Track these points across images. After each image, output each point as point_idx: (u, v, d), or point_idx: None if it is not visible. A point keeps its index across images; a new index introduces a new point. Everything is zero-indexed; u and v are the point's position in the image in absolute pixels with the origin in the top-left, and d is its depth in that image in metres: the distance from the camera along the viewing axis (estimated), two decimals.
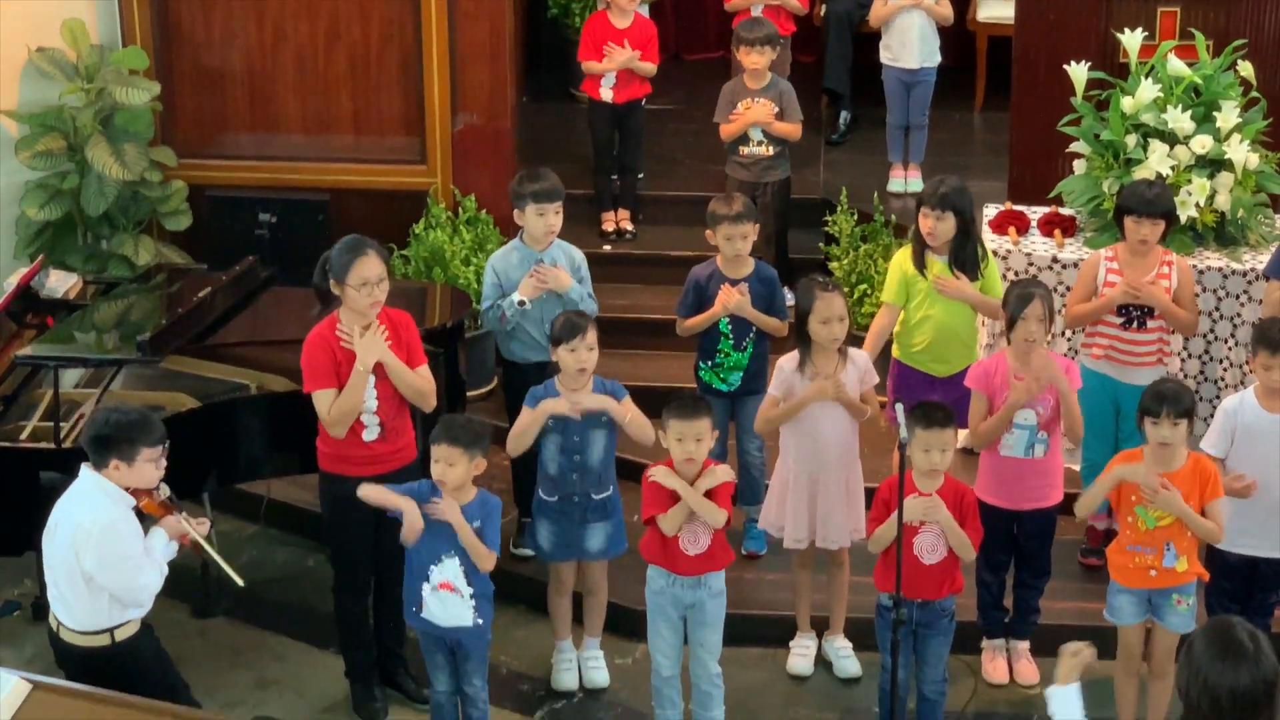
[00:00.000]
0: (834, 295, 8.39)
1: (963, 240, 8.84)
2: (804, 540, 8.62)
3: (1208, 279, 9.39)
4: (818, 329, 8.39)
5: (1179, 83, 9.52)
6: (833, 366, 8.45)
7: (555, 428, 8.42)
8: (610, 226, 11.26)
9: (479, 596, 7.91)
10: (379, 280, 8.06)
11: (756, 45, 10.36)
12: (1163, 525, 7.94)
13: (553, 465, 8.48)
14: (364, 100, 11.03)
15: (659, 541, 8.03)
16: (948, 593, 8.05)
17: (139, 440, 7.22)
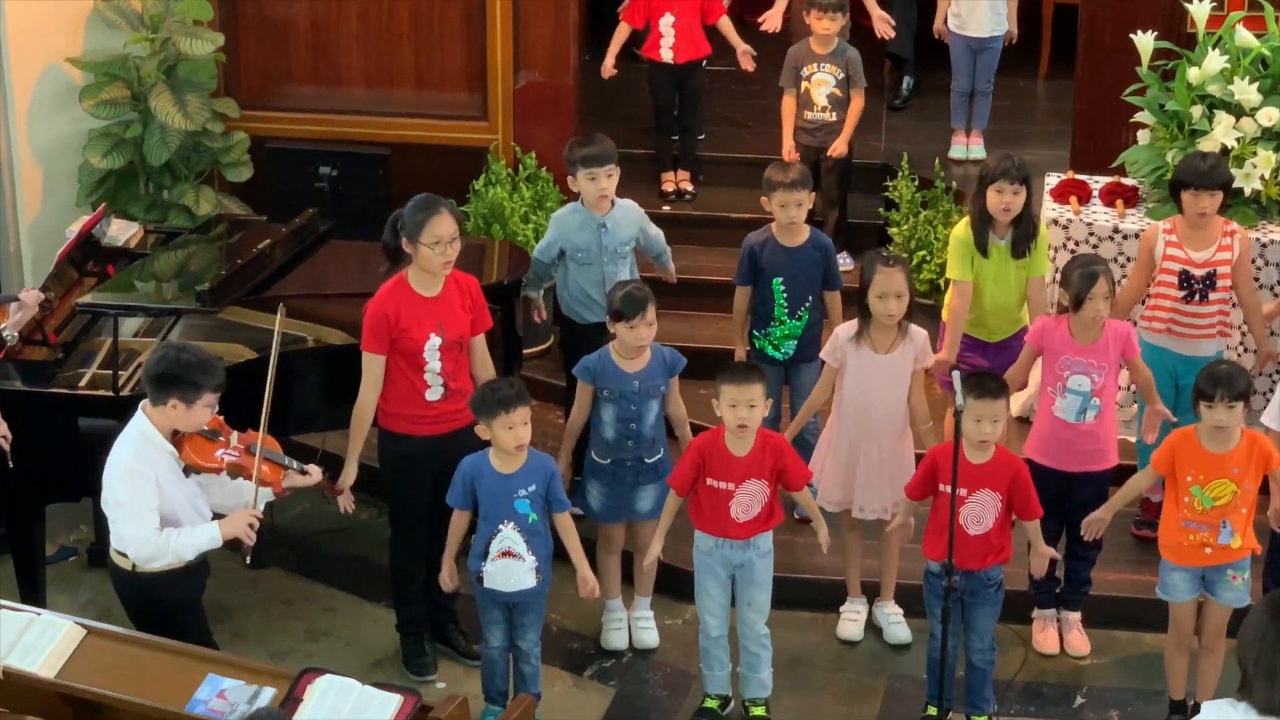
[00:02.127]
0: (895, 271, 8.36)
1: (1026, 214, 8.79)
2: (838, 504, 8.64)
3: (1270, 252, 9.33)
4: (875, 303, 8.37)
5: (1247, 54, 9.45)
6: (890, 341, 8.44)
7: (612, 398, 8.44)
8: (670, 187, 11.25)
9: (540, 558, 7.96)
10: (452, 239, 8.08)
11: (829, 11, 10.30)
12: (1219, 504, 7.91)
13: (610, 431, 8.50)
14: (426, 55, 11.04)
15: (709, 510, 8.04)
16: (993, 562, 8.03)
17: (203, 384, 7.25)
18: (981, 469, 7.94)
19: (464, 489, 7.97)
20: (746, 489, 8.00)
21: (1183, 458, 7.94)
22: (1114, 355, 8.34)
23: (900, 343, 8.46)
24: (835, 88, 10.42)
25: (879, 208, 10.91)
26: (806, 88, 10.43)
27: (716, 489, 8.02)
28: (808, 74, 10.41)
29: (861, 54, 10.56)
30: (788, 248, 9.03)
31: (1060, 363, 8.32)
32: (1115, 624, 8.83)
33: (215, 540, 7.35)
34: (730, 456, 8.01)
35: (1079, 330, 8.33)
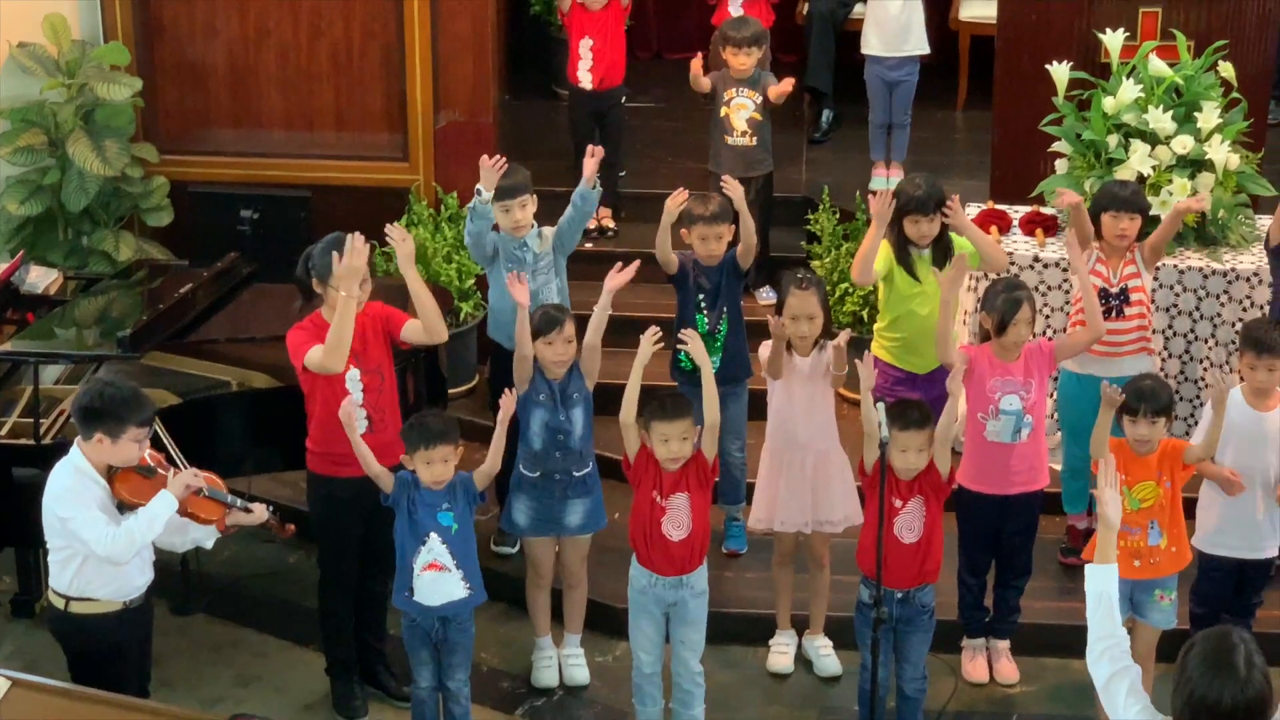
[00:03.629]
0: (808, 294, 8.42)
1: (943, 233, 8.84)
2: (765, 521, 8.67)
3: (1188, 279, 9.41)
4: (789, 324, 8.45)
5: (1160, 83, 9.53)
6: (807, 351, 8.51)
7: (544, 403, 8.44)
8: (592, 224, 11.23)
9: (468, 570, 7.97)
10: (363, 281, 8.06)
11: (745, 46, 10.35)
12: (1146, 506, 8.01)
13: (537, 441, 8.50)
14: (346, 96, 11.03)
15: (646, 534, 8.03)
16: (924, 581, 8.07)
17: (128, 418, 7.22)
18: (911, 481, 7.99)
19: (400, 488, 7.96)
20: (675, 503, 8.01)
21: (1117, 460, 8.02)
22: (1038, 370, 8.39)
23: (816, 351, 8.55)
24: (755, 112, 10.46)
25: (801, 241, 10.94)
26: (726, 113, 10.48)
27: (655, 503, 8.02)
28: (727, 99, 10.45)
29: None
30: (708, 266, 9.07)
31: (990, 385, 8.36)
32: (1044, 651, 8.86)
33: (171, 504, 7.29)
34: (662, 472, 8.03)
35: (1002, 352, 8.39)
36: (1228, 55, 9.68)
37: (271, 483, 9.55)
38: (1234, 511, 8.25)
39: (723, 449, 9.22)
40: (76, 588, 7.33)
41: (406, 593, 7.99)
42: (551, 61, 11.53)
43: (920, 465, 7.95)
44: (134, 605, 7.44)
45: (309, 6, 10.90)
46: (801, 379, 8.53)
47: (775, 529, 8.68)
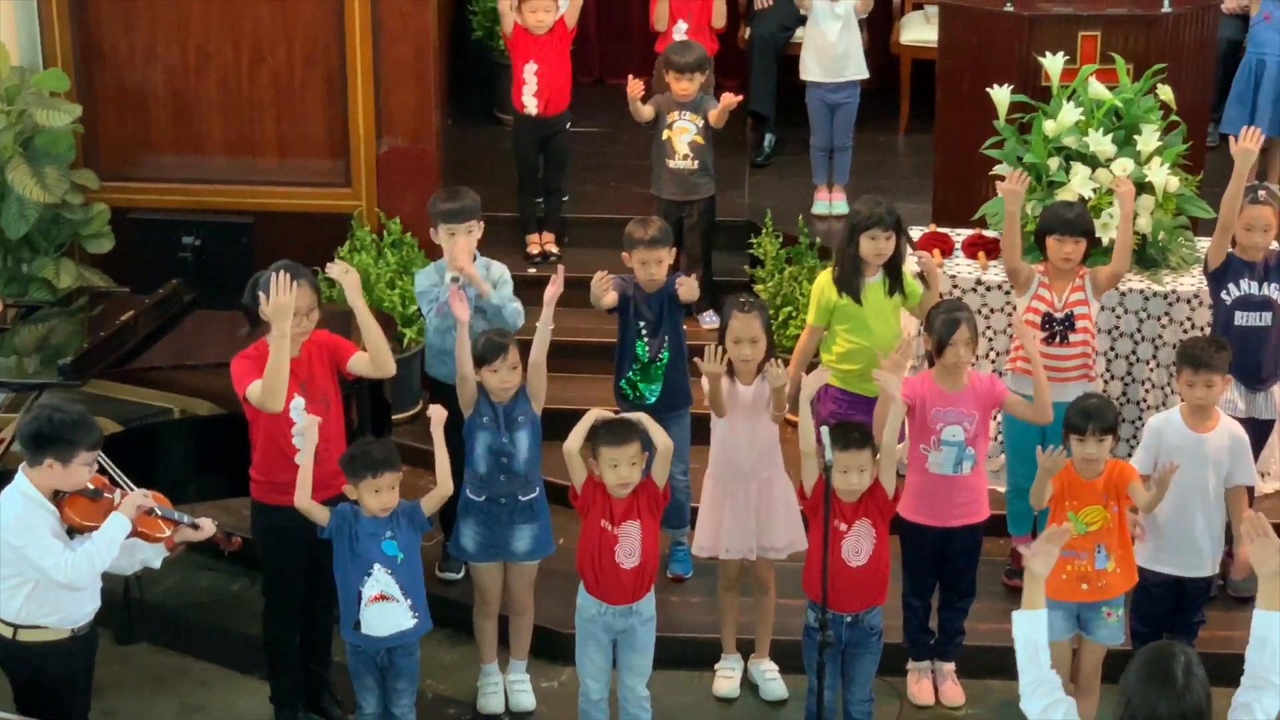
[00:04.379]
0: (750, 317, 8.43)
1: (895, 257, 8.87)
2: (709, 549, 8.66)
3: (1129, 301, 9.46)
4: (731, 348, 8.46)
5: (1100, 106, 9.58)
6: (750, 379, 8.50)
7: (489, 424, 8.42)
8: (535, 249, 11.26)
9: (415, 599, 7.95)
10: (309, 310, 8.06)
11: (688, 71, 10.37)
12: (1093, 529, 8.04)
13: (482, 464, 8.48)
14: (288, 123, 11.00)
15: (597, 564, 8.02)
16: (874, 603, 8.08)
17: (79, 442, 7.19)
18: (856, 502, 7.99)
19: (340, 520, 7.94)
20: (626, 531, 8.01)
21: (1060, 486, 8.05)
22: (982, 404, 8.41)
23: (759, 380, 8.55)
24: (697, 135, 10.47)
25: (744, 265, 10.96)
26: (668, 136, 10.49)
27: (605, 531, 8.01)
28: (669, 122, 10.47)
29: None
30: (648, 292, 9.07)
31: (932, 415, 8.38)
32: (989, 674, 8.86)
33: (124, 525, 7.26)
34: (612, 500, 8.02)
35: (944, 378, 8.40)
36: (1167, 79, 9.74)
37: (215, 510, 9.49)
38: (1173, 529, 8.29)
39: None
40: (25, 616, 7.28)
41: (354, 625, 7.96)
42: (494, 86, 11.53)
43: (862, 486, 7.96)
44: (81, 634, 7.40)
45: (250, 32, 10.87)
46: (745, 408, 8.53)
47: (720, 556, 8.68)
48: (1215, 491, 8.30)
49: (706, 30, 11.46)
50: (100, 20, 10.92)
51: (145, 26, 10.91)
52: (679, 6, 11.47)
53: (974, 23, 10.38)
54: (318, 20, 10.83)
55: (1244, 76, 11.33)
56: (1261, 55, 11.26)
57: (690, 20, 11.42)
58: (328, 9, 10.79)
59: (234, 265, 10.36)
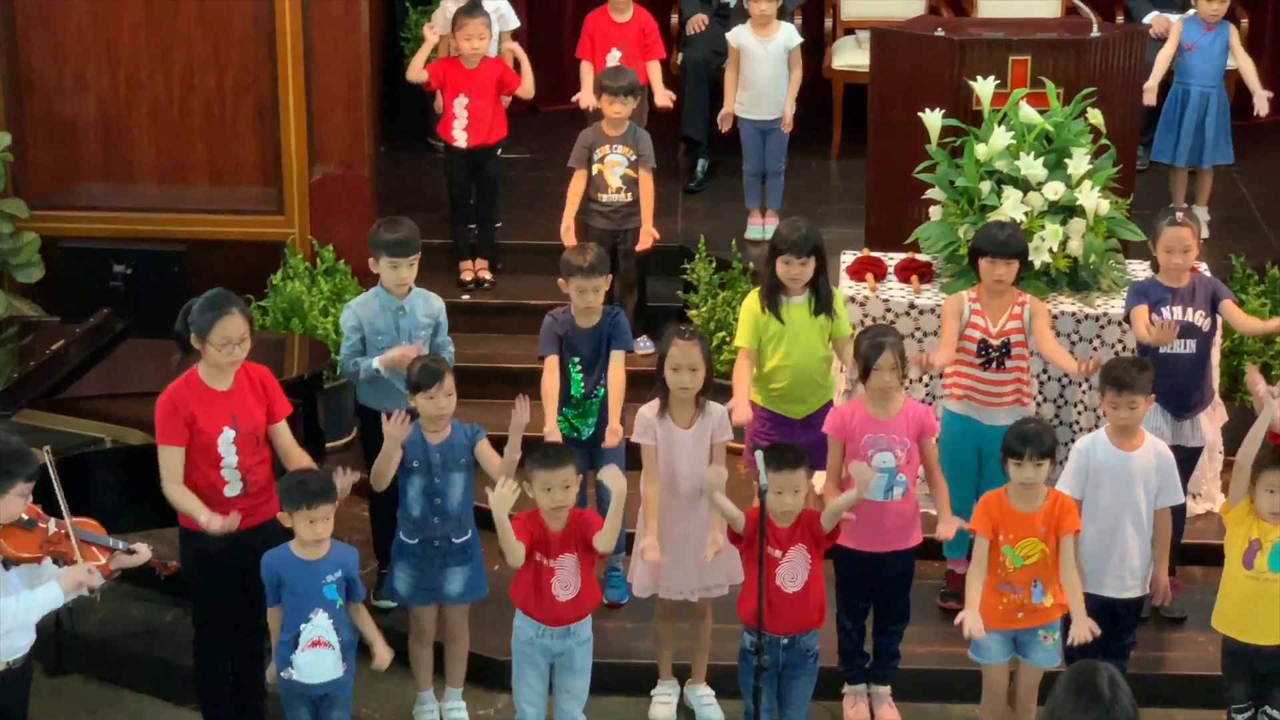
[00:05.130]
0: (690, 344, 8.41)
1: (819, 279, 8.89)
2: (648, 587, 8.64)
3: (1062, 324, 9.49)
4: (670, 375, 8.43)
5: (1031, 130, 9.63)
6: (690, 416, 8.47)
7: (419, 469, 8.40)
8: (468, 276, 11.25)
9: (346, 645, 7.90)
10: (241, 339, 8.03)
11: (620, 95, 10.38)
12: (1030, 563, 8.05)
13: (415, 507, 8.46)
14: (220, 150, 10.96)
15: (532, 588, 8.01)
16: (810, 625, 8.08)
17: (16, 472, 7.15)
18: (790, 529, 8.00)
19: (274, 586, 7.88)
20: (563, 564, 8.00)
21: (995, 518, 8.07)
22: (914, 433, 8.43)
23: (699, 418, 8.50)
24: (628, 168, 10.48)
25: (678, 290, 10.97)
26: (600, 169, 10.49)
27: (541, 565, 8.00)
28: (600, 156, 10.46)
29: (656, 137, 10.63)
30: (585, 328, 9.06)
31: (863, 442, 8.39)
32: (925, 696, 8.88)
33: (55, 600, 7.23)
34: (549, 532, 8.01)
35: (874, 404, 8.42)
36: (1096, 102, 9.79)
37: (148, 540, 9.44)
38: (1105, 551, 8.32)
39: (601, 498, 9.22)
40: None
41: (286, 671, 7.92)
42: (426, 113, 11.52)
43: (797, 507, 7.97)
44: (16, 666, 7.34)
45: (181, 60, 10.83)
46: (684, 449, 8.51)
47: (660, 595, 8.66)
48: (1145, 511, 8.33)
49: (639, 60, 11.48)
50: (29, 48, 10.86)
51: (75, 55, 10.86)
52: (613, 33, 11.48)
53: (905, 48, 10.42)
54: (249, 48, 10.80)
55: (1171, 105, 11.41)
56: (1186, 84, 11.35)
57: (624, 49, 11.44)
58: (259, 37, 10.76)
59: (166, 293, 10.31)
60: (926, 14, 12.51)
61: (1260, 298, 10.26)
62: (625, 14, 11.55)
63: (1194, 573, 9.36)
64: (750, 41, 11.29)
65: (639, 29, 11.56)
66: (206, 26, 10.78)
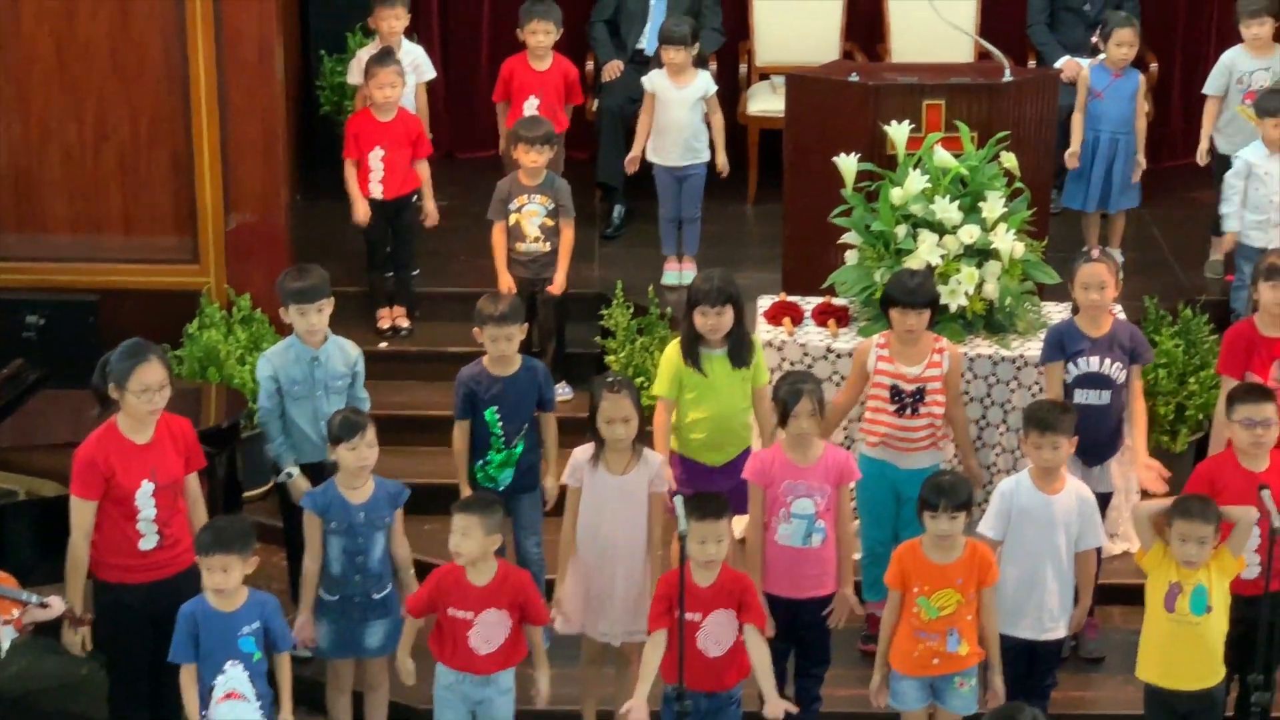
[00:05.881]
0: (620, 397, 8.40)
1: (737, 330, 8.90)
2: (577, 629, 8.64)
3: (978, 366, 9.54)
4: (603, 427, 8.42)
5: (946, 174, 9.68)
6: (625, 463, 8.47)
7: (339, 530, 8.36)
8: (386, 323, 11.22)
9: (264, 698, 7.86)
10: (160, 387, 7.99)
11: (536, 144, 10.38)
12: (945, 614, 8.08)
13: (336, 566, 8.42)
14: (134, 199, 10.90)
15: (450, 641, 7.98)
16: (734, 683, 8.09)
17: None
18: (712, 590, 7.98)
19: (188, 638, 7.82)
20: (485, 619, 7.97)
21: (909, 570, 8.09)
22: (834, 479, 8.45)
23: (635, 465, 8.50)
24: (546, 217, 10.48)
25: (595, 336, 10.96)
26: (517, 219, 10.48)
27: (456, 618, 7.98)
28: (517, 205, 10.46)
29: (572, 184, 10.64)
30: (501, 377, 9.04)
31: (783, 488, 8.40)
32: None
33: None
34: (469, 585, 7.98)
35: (793, 449, 8.44)
36: (1010, 146, 9.86)
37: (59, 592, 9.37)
38: (1026, 593, 8.36)
39: (520, 546, 9.22)
40: None
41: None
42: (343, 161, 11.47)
43: (719, 556, 7.97)
44: None
45: (94, 109, 10.77)
46: (616, 495, 8.51)
47: (587, 633, 8.64)
48: (1066, 553, 8.37)
49: (558, 109, 11.49)
50: None
51: None
52: (532, 81, 11.50)
53: (820, 93, 10.47)
54: (163, 96, 10.75)
55: (1082, 152, 11.50)
56: (1095, 130, 11.44)
57: (542, 97, 11.45)
58: (173, 85, 10.71)
59: (80, 344, 10.25)
60: (841, 59, 12.56)
61: (1174, 338, 10.34)
62: (544, 62, 11.55)
63: (1112, 612, 9.41)
64: (665, 87, 11.32)
65: (560, 77, 11.56)
66: (120, 75, 10.73)
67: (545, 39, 11.50)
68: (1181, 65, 13.15)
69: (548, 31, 11.50)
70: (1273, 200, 10.67)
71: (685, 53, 11.25)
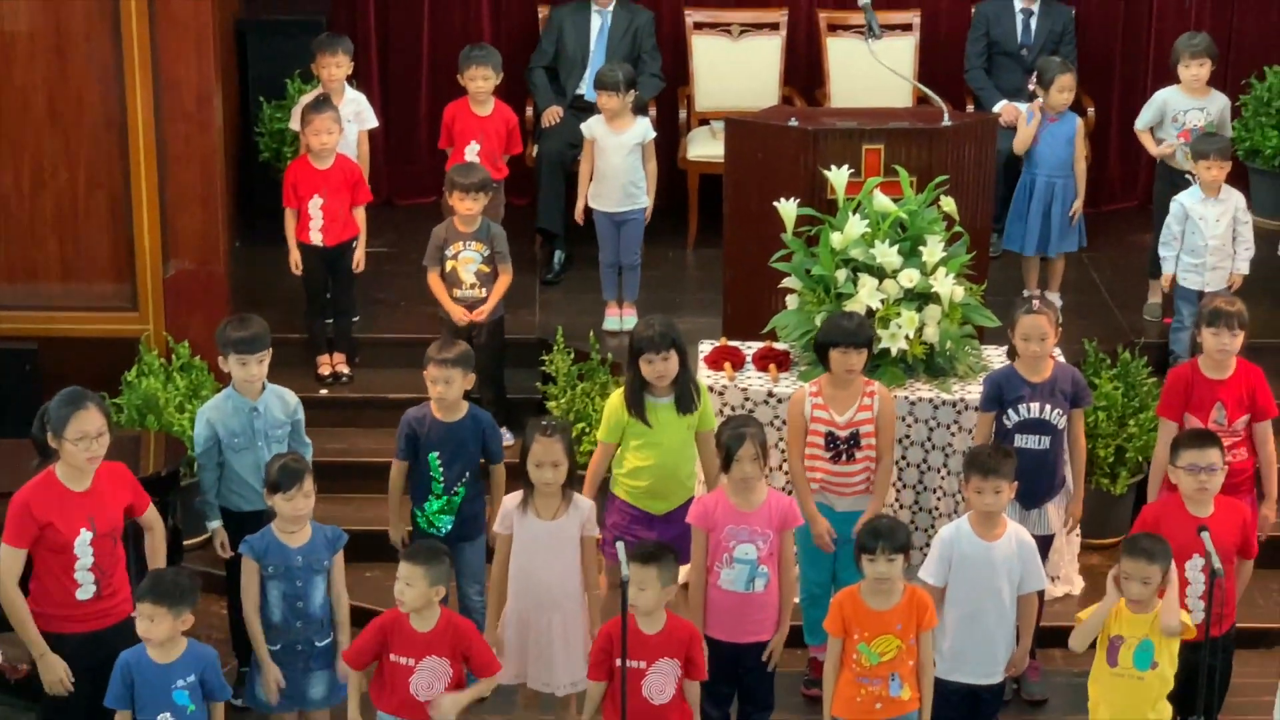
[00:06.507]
0: (552, 440, 8.40)
1: (683, 375, 8.90)
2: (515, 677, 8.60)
3: (919, 410, 9.56)
4: (533, 471, 8.41)
5: (885, 218, 9.71)
6: (554, 508, 8.45)
7: (277, 574, 8.32)
8: (326, 370, 11.18)
9: None
10: (98, 434, 7.95)
11: (471, 191, 10.38)
12: (886, 660, 8.08)
13: (276, 612, 8.36)
14: (72, 247, 10.84)
15: (391, 687, 7.95)
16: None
17: None
18: (657, 639, 7.97)
19: (123, 686, 7.76)
20: (426, 665, 7.93)
21: (849, 617, 8.09)
22: (776, 524, 8.45)
23: (565, 510, 8.48)
24: (482, 264, 10.47)
25: (536, 382, 10.95)
26: (454, 266, 10.48)
27: (398, 664, 7.95)
28: (453, 252, 10.46)
29: (512, 230, 10.64)
30: (445, 423, 9.02)
31: (726, 533, 8.40)
32: None
33: None
34: (412, 631, 7.95)
35: (736, 494, 8.44)
36: (949, 190, 9.90)
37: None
38: (970, 638, 8.36)
39: (462, 594, 9.19)
40: None
41: None
42: (282, 207, 11.45)
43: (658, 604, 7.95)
44: None
45: (31, 157, 10.71)
46: (544, 541, 8.49)
47: (527, 684, 8.61)
48: (1009, 598, 8.38)
49: (498, 155, 11.48)
50: None
51: None
52: (474, 126, 11.50)
53: (759, 138, 10.49)
54: (101, 143, 10.71)
55: (1020, 194, 11.56)
56: (1033, 173, 11.51)
57: (483, 142, 11.46)
58: (111, 132, 10.67)
59: (18, 392, 10.19)
60: (780, 104, 12.62)
61: (1113, 381, 10.38)
62: (486, 107, 11.55)
63: (1054, 655, 9.41)
64: (604, 133, 11.34)
65: (502, 123, 11.56)
66: (57, 121, 10.68)
67: (485, 84, 11.51)
68: (1118, 109, 13.24)
69: (486, 77, 11.51)
70: (1208, 243, 10.75)
71: (620, 98, 11.26)
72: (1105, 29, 13.20)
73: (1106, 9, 13.20)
